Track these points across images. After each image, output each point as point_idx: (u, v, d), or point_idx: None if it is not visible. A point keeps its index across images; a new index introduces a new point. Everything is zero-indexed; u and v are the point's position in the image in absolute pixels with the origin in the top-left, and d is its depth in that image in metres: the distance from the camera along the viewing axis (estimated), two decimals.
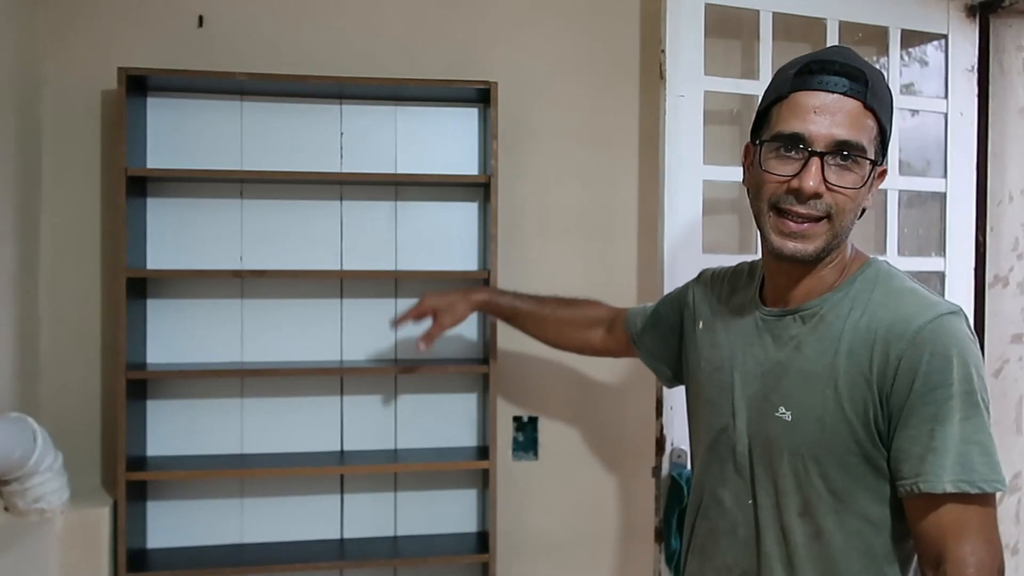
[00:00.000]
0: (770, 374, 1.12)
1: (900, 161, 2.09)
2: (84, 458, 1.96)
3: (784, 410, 1.08)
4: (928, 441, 0.98)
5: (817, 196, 1.04)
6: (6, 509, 1.75)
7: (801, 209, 1.05)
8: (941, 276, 2.15)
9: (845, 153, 1.03)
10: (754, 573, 1.12)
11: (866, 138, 1.05)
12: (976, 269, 2.19)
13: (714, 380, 1.21)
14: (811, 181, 1.03)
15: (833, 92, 1.04)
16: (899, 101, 2.11)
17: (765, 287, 1.19)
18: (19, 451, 1.65)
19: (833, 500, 1.05)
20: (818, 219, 1.05)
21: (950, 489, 0.96)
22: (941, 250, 2.15)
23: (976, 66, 2.16)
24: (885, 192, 2.06)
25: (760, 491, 1.11)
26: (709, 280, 1.35)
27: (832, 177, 1.03)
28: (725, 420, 1.17)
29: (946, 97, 2.13)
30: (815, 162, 1.03)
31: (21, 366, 1.85)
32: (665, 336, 1.43)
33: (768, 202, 1.07)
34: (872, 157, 1.06)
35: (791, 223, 1.05)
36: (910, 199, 2.19)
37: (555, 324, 1.66)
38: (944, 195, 2.14)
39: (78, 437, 1.95)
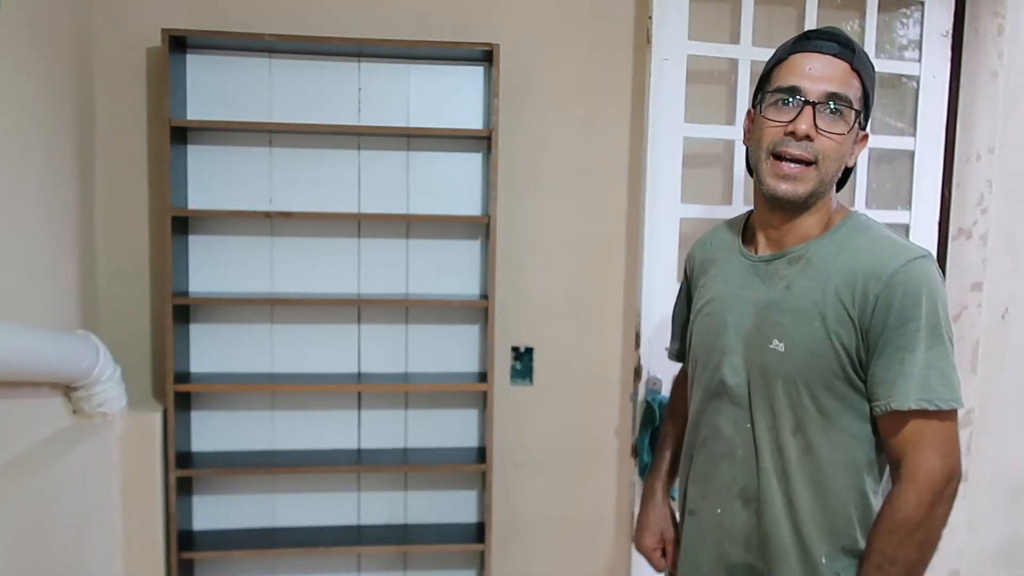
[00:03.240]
0: (763, 311, 1.26)
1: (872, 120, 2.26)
2: (137, 372, 2.26)
3: (777, 342, 1.23)
4: (899, 367, 1.14)
5: (809, 139, 1.21)
6: (75, 412, 2.06)
7: (795, 151, 1.21)
8: (906, 228, 2.34)
9: (833, 104, 1.21)
10: (753, 487, 1.27)
11: (852, 95, 1.23)
12: (940, 222, 2.38)
13: (707, 325, 1.37)
14: (803, 124, 1.21)
15: (826, 54, 1.23)
16: (875, 64, 2.28)
17: (752, 237, 1.36)
18: (86, 362, 1.94)
19: (821, 418, 1.20)
20: (808, 163, 1.22)
21: (913, 406, 1.14)
22: (907, 204, 2.33)
23: (951, 31, 2.30)
24: None
25: (757, 415, 1.26)
26: (697, 248, 1.50)
27: (822, 124, 1.21)
28: (718, 359, 1.33)
29: (920, 60, 2.28)
30: (808, 109, 1.21)
31: (83, 291, 2.13)
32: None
33: (766, 149, 1.24)
34: (857, 108, 1.23)
35: (785, 166, 1.22)
36: (879, 156, 2.36)
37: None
38: (913, 153, 2.31)
39: (132, 353, 2.24)
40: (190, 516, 2.32)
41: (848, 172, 1.32)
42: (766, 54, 2.09)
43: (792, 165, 1.22)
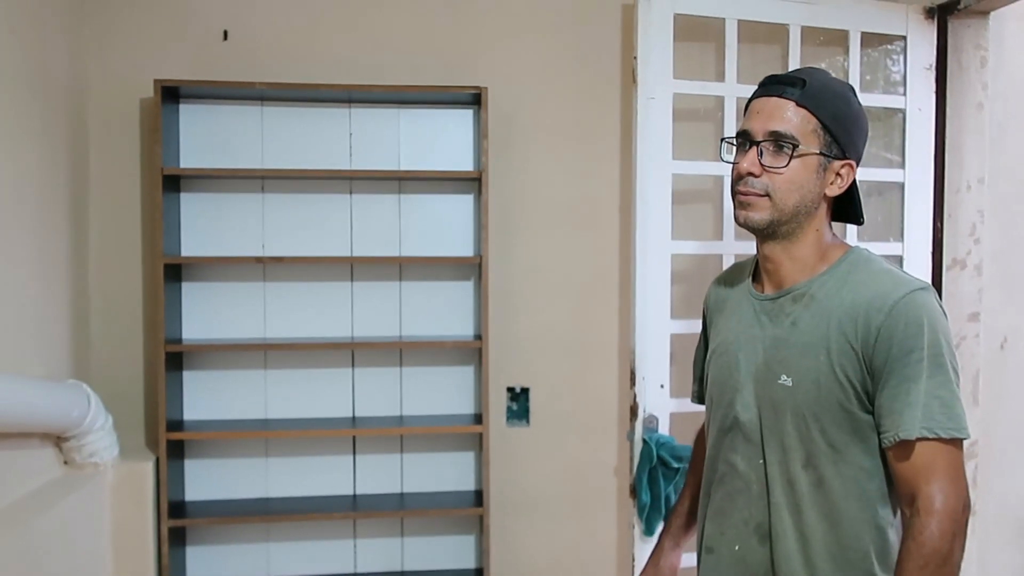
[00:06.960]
0: (771, 348, 1.30)
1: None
2: (130, 420, 2.24)
3: (785, 377, 1.25)
4: (905, 397, 1.16)
5: (752, 175, 1.27)
6: (66, 463, 2.04)
7: (742, 187, 1.29)
8: (899, 260, 2.33)
9: (778, 142, 1.26)
10: (766, 522, 1.27)
11: (799, 130, 1.26)
12: (933, 253, 2.37)
13: (720, 364, 1.40)
14: (744, 163, 1.27)
15: (771, 96, 1.29)
16: (861, 98, 2.30)
17: (758, 277, 1.40)
18: (76, 412, 1.93)
19: (831, 452, 1.21)
20: (758, 195, 1.27)
21: (919, 435, 1.16)
22: (900, 236, 2.33)
23: (934, 64, 2.33)
24: None
25: (769, 450, 1.27)
26: (712, 289, 1.55)
27: (767, 160, 1.27)
28: (730, 396, 1.36)
29: (904, 94, 2.30)
30: (753, 149, 1.27)
31: (75, 340, 2.13)
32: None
33: (732, 187, 1.32)
34: (810, 146, 1.25)
35: (740, 197, 1.30)
36: (870, 188, 2.36)
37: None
38: (902, 185, 2.32)
39: (124, 402, 2.23)
40: (183, 568, 2.28)
41: (847, 202, 1.33)
42: (751, 91, 2.13)
43: (746, 196, 1.29)
